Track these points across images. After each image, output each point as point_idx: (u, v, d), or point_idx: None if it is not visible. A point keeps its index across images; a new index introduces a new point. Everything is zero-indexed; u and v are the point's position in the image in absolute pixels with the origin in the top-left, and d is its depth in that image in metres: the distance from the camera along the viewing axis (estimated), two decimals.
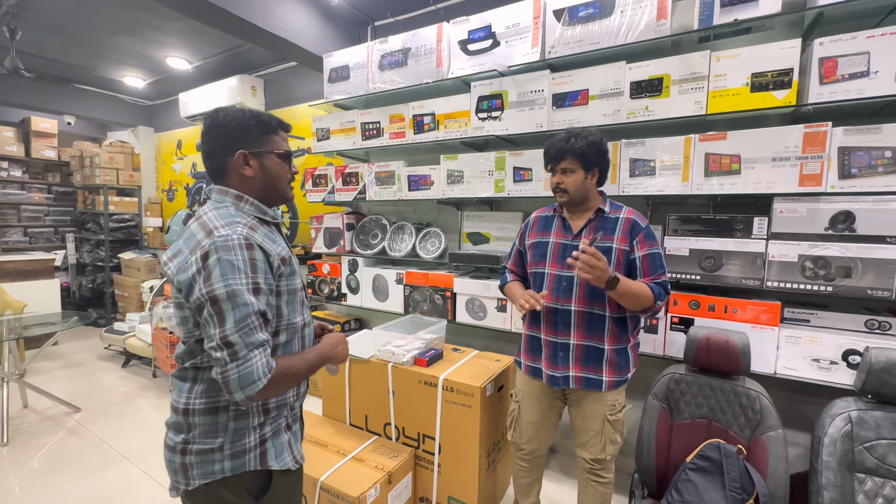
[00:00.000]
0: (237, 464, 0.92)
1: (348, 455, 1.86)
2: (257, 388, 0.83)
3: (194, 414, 0.91)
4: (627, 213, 1.49)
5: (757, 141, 1.64)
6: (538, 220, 1.65)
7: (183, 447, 0.91)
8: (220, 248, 0.84)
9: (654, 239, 1.46)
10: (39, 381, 3.47)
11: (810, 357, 1.63)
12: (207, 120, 0.97)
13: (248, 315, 0.84)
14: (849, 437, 1.40)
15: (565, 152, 1.45)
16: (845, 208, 1.55)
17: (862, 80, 1.49)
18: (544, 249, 1.56)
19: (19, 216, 5.22)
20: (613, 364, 1.48)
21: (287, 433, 1.02)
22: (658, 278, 1.43)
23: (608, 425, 1.52)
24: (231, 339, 0.82)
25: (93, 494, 2.11)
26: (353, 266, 2.84)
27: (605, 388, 1.48)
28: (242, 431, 0.93)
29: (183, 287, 0.87)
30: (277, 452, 0.98)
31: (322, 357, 1.03)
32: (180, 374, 0.95)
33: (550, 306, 1.51)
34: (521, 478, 1.76)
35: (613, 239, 1.46)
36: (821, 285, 1.59)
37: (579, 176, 1.46)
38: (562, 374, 1.51)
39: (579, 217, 1.54)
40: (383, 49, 2.52)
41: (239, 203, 0.97)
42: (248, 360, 0.83)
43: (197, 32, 3.37)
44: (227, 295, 0.83)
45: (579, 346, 1.48)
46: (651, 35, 1.78)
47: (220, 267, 0.83)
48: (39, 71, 4.24)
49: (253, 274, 0.87)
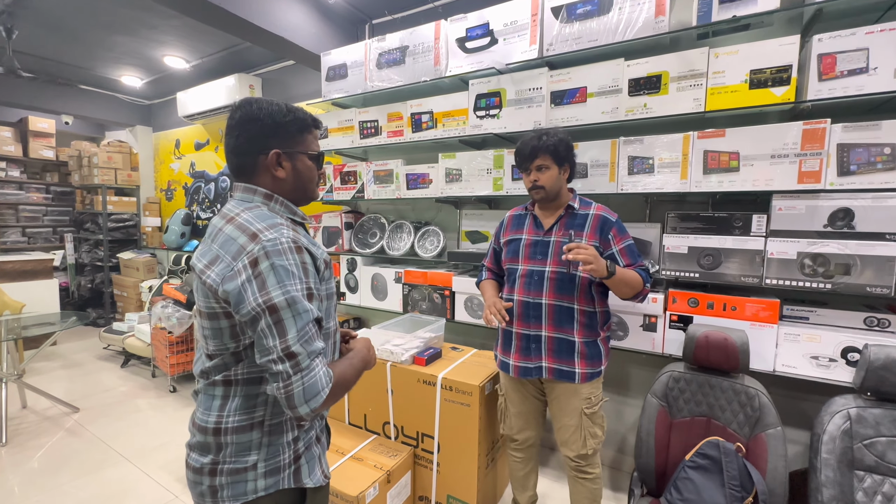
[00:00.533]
0: (271, 482, 0.87)
1: (347, 454, 1.86)
2: (322, 398, 0.78)
3: (227, 433, 0.85)
4: (596, 210, 1.57)
5: (756, 138, 1.63)
6: (512, 218, 1.72)
7: (212, 468, 0.86)
8: (271, 253, 0.79)
9: (626, 231, 1.56)
10: (38, 381, 3.46)
11: (809, 354, 1.63)
12: (238, 112, 0.89)
13: (308, 322, 0.79)
14: (848, 435, 1.40)
15: (539, 150, 1.51)
16: (844, 205, 1.55)
17: (861, 77, 1.48)
18: (517, 246, 1.62)
19: (17, 216, 5.21)
20: (585, 356, 1.53)
21: (317, 446, 0.98)
22: (640, 265, 1.53)
23: (586, 419, 1.56)
24: (294, 350, 0.77)
25: (92, 494, 2.11)
26: (351, 265, 2.84)
27: (578, 379, 1.53)
28: (277, 448, 0.88)
29: (231, 298, 0.79)
30: (310, 468, 0.93)
31: (364, 362, 0.99)
32: (208, 389, 0.88)
33: (522, 300, 1.57)
34: (517, 470, 1.79)
35: (583, 235, 1.53)
36: (820, 283, 1.58)
37: (554, 172, 1.53)
38: (535, 365, 1.57)
39: (550, 214, 1.60)
40: (381, 47, 2.51)
41: (269, 202, 0.91)
42: (311, 371, 0.78)
43: (194, 31, 3.36)
44: (287, 303, 0.77)
45: (551, 338, 1.54)
46: (649, 32, 1.78)
47: (274, 273, 0.78)
48: (36, 70, 4.23)
49: (306, 279, 0.82)
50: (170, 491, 2.14)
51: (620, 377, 2.26)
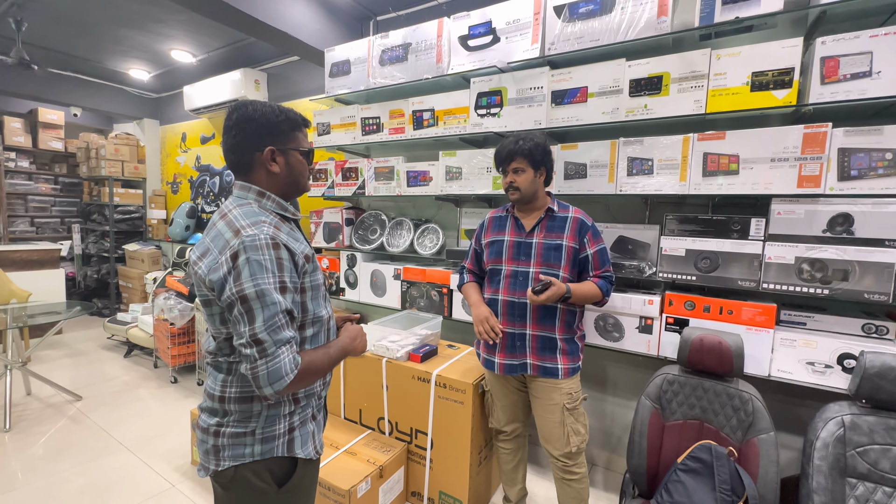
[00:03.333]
0: (266, 448, 0.96)
1: (341, 448, 1.87)
2: (285, 383, 0.86)
3: (230, 402, 0.96)
4: (574, 213, 1.63)
5: (756, 141, 1.62)
6: (492, 220, 1.75)
7: (216, 430, 0.96)
8: (248, 248, 0.87)
9: (599, 236, 1.63)
10: (43, 369, 3.52)
11: (805, 360, 1.61)
12: (235, 113, 0.98)
13: (276, 314, 0.87)
14: (841, 442, 1.39)
15: (515, 153, 1.57)
16: (844, 210, 1.53)
17: (864, 81, 1.46)
18: (500, 247, 1.66)
19: (26, 206, 5.29)
20: (566, 352, 1.59)
21: (312, 423, 1.06)
22: (605, 271, 1.61)
23: (568, 414, 1.60)
24: (260, 337, 0.85)
25: (91, 482, 2.15)
26: (351, 261, 2.85)
27: (561, 375, 1.58)
28: (274, 418, 0.97)
29: (215, 286, 0.89)
30: (303, 441, 1.02)
31: (343, 350, 1.06)
32: (215, 363, 0.99)
33: (507, 299, 1.61)
34: (506, 463, 1.82)
35: (563, 237, 1.59)
36: (817, 288, 1.57)
37: (529, 175, 1.58)
38: (519, 362, 1.62)
39: (530, 216, 1.65)
40: (384, 44, 2.51)
41: (261, 200, 0.99)
42: (276, 357, 0.86)
43: (201, 26, 3.38)
44: (257, 294, 0.86)
45: (535, 336, 1.59)
46: (651, 32, 1.76)
47: (249, 267, 0.86)
48: (45, 62, 4.28)
49: (279, 273, 0.89)
50: (167, 480, 2.17)
51: (615, 378, 2.26)
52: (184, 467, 2.27)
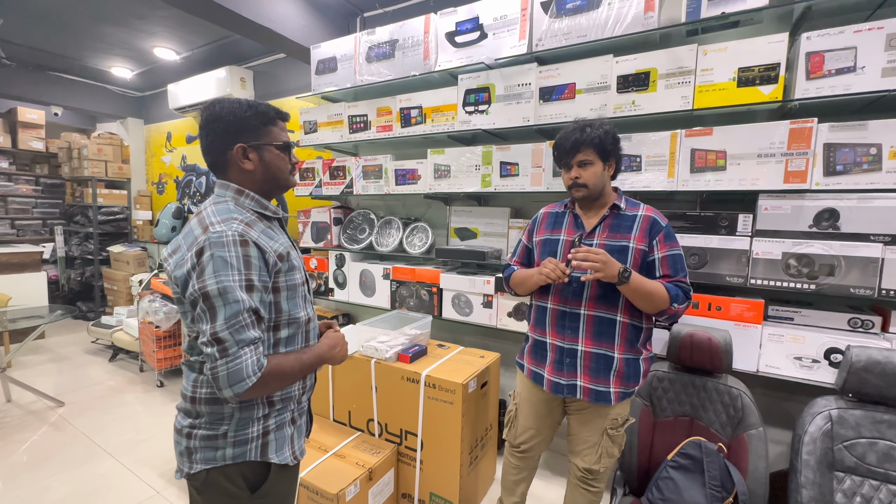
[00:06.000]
0: (238, 452, 0.93)
1: (330, 451, 1.84)
2: (246, 385, 0.83)
3: (200, 403, 0.93)
4: (646, 211, 1.39)
5: (743, 137, 1.62)
6: (547, 216, 1.55)
7: (189, 431, 0.94)
8: (213, 245, 0.85)
9: (675, 239, 1.37)
10: (26, 374, 3.44)
11: (793, 355, 1.62)
12: (204, 113, 0.97)
13: (239, 312, 0.84)
14: (829, 436, 1.39)
15: (582, 143, 1.35)
16: (830, 206, 1.54)
17: (849, 76, 1.47)
18: (554, 247, 1.46)
19: (6, 208, 5.15)
20: (622, 375, 1.38)
21: (291, 427, 1.03)
22: (679, 281, 1.34)
23: (607, 438, 1.45)
24: (221, 336, 0.83)
25: (73, 490, 2.09)
26: (340, 261, 2.82)
27: (612, 400, 1.38)
28: (246, 421, 0.94)
29: (180, 283, 0.89)
30: (279, 446, 0.99)
31: (319, 358, 1.02)
32: (188, 363, 0.97)
33: (558, 308, 1.43)
34: (510, 475, 1.68)
35: (630, 238, 1.36)
36: (804, 283, 1.57)
37: (598, 168, 1.37)
38: (567, 382, 1.42)
39: (593, 214, 1.44)
40: (371, 40, 2.48)
41: (239, 198, 0.97)
42: (237, 358, 0.83)
43: (184, 22, 3.31)
44: (219, 291, 0.83)
45: (588, 354, 1.39)
46: (638, 28, 1.75)
47: (212, 263, 0.84)
48: (23, 59, 4.16)
49: (247, 271, 0.87)
50: (151, 486, 2.12)
51: None
52: (169, 473, 2.22)
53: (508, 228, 2.31)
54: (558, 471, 2.25)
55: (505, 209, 2.35)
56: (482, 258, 2.21)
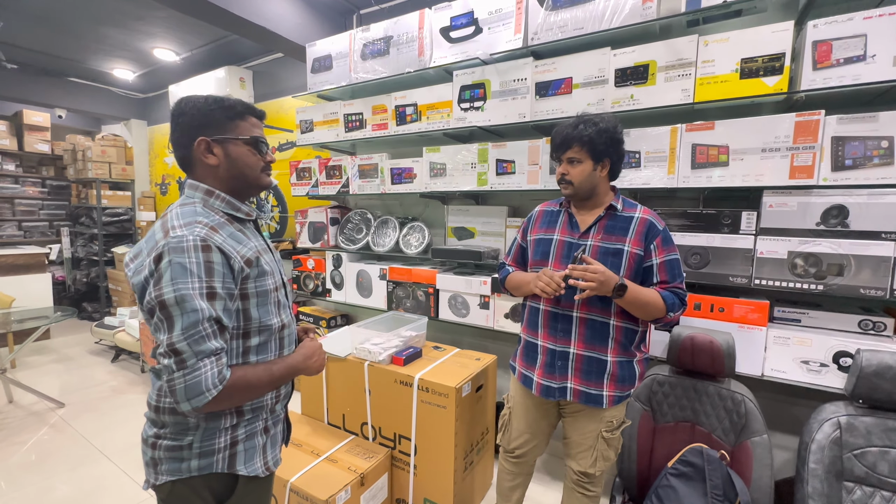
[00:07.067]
0: (204, 464, 0.90)
1: (322, 455, 1.81)
2: (205, 399, 0.79)
3: (164, 412, 0.91)
4: (643, 213, 1.35)
5: (746, 130, 1.55)
6: (542, 214, 1.51)
7: (154, 441, 0.91)
8: (172, 250, 0.81)
9: (672, 243, 1.34)
10: (30, 374, 3.46)
11: (799, 359, 1.55)
12: (172, 110, 0.95)
13: (199, 322, 0.80)
14: (837, 444, 1.33)
15: (572, 140, 1.31)
16: (838, 202, 1.46)
17: (858, 65, 1.40)
18: (547, 247, 1.43)
19: (13, 210, 5.20)
20: (616, 378, 1.35)
21: (263, 437, 0.99)
22: (675, 287, 1.31)
23: (602, 441, 1.41)
24: (178, 347, 0.79)
25: (68, 493, 2.08)
26: (337, 261, 2.78)
27: (605, 403, 1.35)
28: (213, 431, 0.91)
29: (137, 291, 0.85)
30: (248, 457, 0.95)
31: (291, 368, 0.97)
32: (155, 371, 0.95)
33: (550, 310, 1.40)
34: (505, 481, 1.65)
35: (626, 241, 1.32)
36: (811, 283, 1.50)
37: (587, 167, 1.32)
38: (559, 385, 1.39)
39: (588, 213, 1.39)
40: (365, 37, 2.44)
41: (209, 199, 0.93)
42: (195, 370, 0.79)
43: (182, 23, 3.30)
44: (176, 300, 0.79)
45: (580, 357, 1.36)
46: (637, 19, 1.69)
47: (170, 270, 0.80)
48: (26, 62, 4.19)
49: (208, 278, 0.82)
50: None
51: None
52: None
53: (506, 228, 2.26)
54: (557, 475, 2.20)
55: (502, 208, 2.30)
56: (478, 258, 2.16)
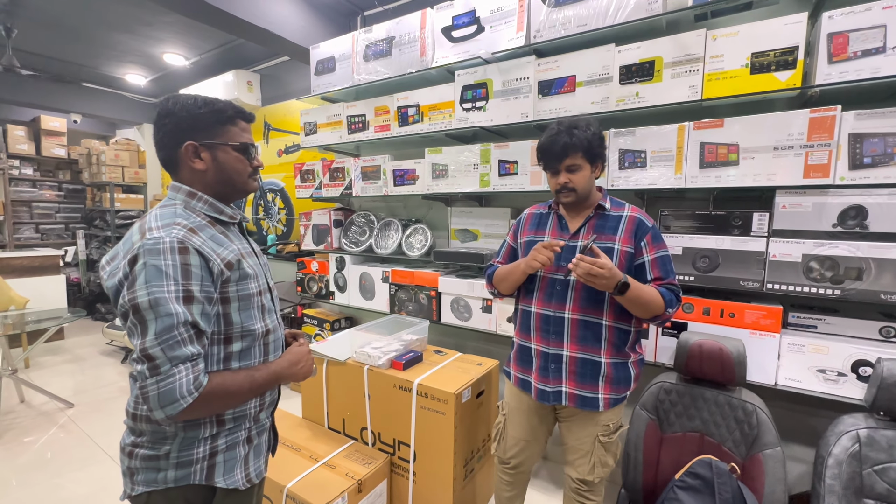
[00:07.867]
0: (181, 475, 0.87)
1: (320, 461, 1.78)
2: (179, 407, 0.76)
3: (141, 420, 0.88)
4: (631, 212, 1.34)
5: (757, 128, 1.48)
6: (531, 217, 1.51)
7: (131, 450, 0.88)
8: (147, 252, 0.78)
9: (662, 240, 1.32)
10: (42, 374, 3.52)
11: (816, 367, 1.47)
12: (158, 109, 0.92)
13: (173, 326, 0.77)
14: (856, 459, 1.25)
15: (571, 147, 1.27)
16: (856, 202, 1.39)
17: (877, 58, 1.32)
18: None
19: (31, 213, 5.34)
20: (611, 380, 1.33)
21: (245, 447, 0.96)
22: (669, 283, 1.29)
23: (599, 446, 1.39)
24: (152, 353, 0.76)
25: (70, 495, 2.10)
26: (340, 264, 2.77)
27: (601, 406, 1.33)
28: (191, 441, 0.87)
29: (111, 294, 0.83)
30: (227, 468, 0.92)
31: (275, 375, 0.95)
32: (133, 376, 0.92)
33: (542, 313, 1.38)
34: (503, 491, 1.63)
35: (615, 239, 1.30)
36: (828, 288, 1.43)
37: (587, 172, 1.30)
38: (553, 389, 1.37)
39: (577, 215, 1.39)
40: (368, 39, 2.42)
41: (191, 201, 0.91)
42: (169, 376, 0.76)
43: (189, 27, 3.34)
44: (150, 304, 0.77)
45: (573, 359, 1.34)
46: (642, 14, 1.64)
47: (145, 273, 0.77)
48: (41, 69, 4.29)
49: (185, 281, 0.80)
50: None
51: None
52: None
53: (509, 230, 2.21)
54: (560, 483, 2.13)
55: (506, 210, 2.25)
56: (480, 261, 2.12)
